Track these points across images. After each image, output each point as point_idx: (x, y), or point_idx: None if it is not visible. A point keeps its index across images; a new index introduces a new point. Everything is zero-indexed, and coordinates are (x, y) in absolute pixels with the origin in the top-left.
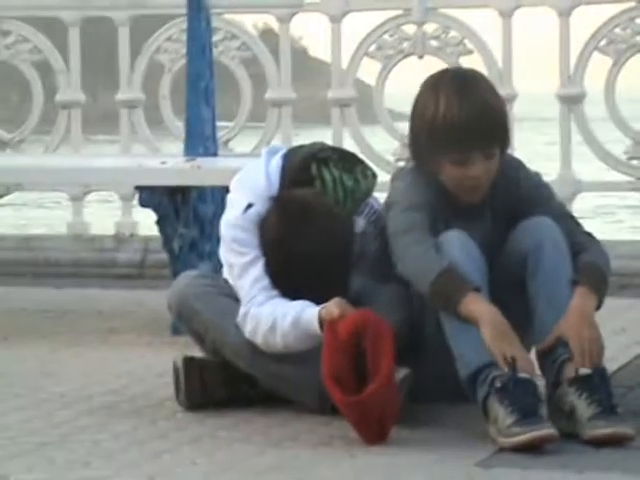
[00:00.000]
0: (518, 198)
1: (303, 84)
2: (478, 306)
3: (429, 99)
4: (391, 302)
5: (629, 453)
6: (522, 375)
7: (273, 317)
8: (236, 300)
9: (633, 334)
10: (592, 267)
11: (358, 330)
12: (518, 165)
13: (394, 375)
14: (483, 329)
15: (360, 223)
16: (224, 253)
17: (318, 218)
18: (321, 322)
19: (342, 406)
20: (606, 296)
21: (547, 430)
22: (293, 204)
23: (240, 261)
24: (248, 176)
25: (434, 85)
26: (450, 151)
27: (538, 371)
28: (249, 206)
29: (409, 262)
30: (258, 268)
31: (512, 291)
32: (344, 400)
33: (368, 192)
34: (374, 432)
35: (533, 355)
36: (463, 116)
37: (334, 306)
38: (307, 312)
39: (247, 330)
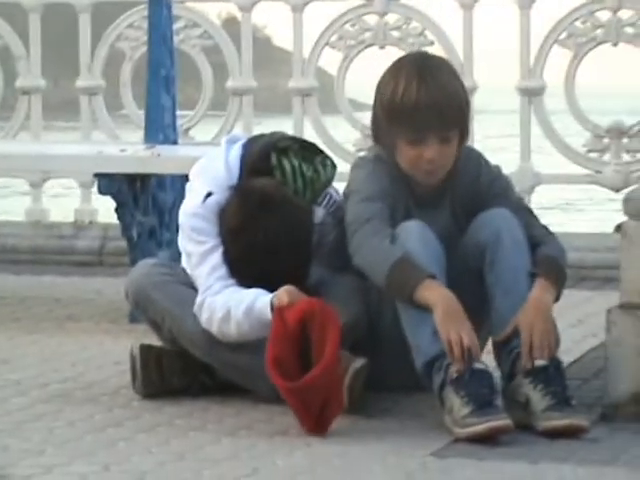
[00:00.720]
0: (477, 190)
1: (267, 73)
2: (432, 292)
3: (390, 79)
4: (348, 293)
5: (583, 444)
6: (478, 365)
7: (227, 306)
8: (194, 289)
9: (589, 327)
10: (550, 260)
11: (305, 318)
12: (478, 157)
13: (337, 363)
14: (435, 313)
15: (319, 213)
16: (182, 242)
17: (277, 208)
18: (273, 310)
19: (283, 391)
20: (564, 289)
21: (503, 421)
22: (253, 194)
23: (198, 250)
24: (208, 165)
25: (397, 66)
26: (405, 130)
27: (483, 358)
28: (208, 195)
29: (365, 253)
30: (216, 257)
31: (470, 282)
32: (284, 385)
33: (327, 182)
34: (314, 420)
35: (490, 346)
36: (420, 96)
37: (284, 294)
38: (260, 300)
39: (203, 319)
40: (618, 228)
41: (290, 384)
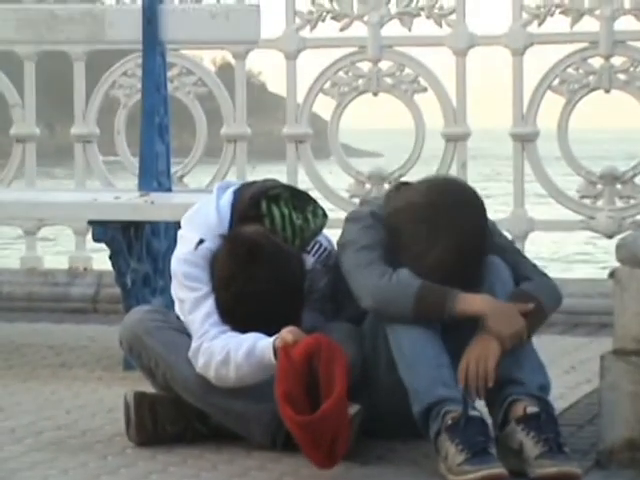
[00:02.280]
0: None
1: (262, 119)
2: (472, 302)
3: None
4: (342, 339)
5: None
6: (473, 413)
7: (227, 350)
8: (187, 335)
9: (583, 373)
10: (523, 295)
11: (312, 353)
12: None
13: (346, 397)
14: (486, 320)
15: (309, 261)
16: (175, 289)
17: (267, 257)
18: (275, 351)
19: (294, 426)
20: (542, 324)
21: (497, 469)
22: (242, 244)
23: (191, 296)
24: (199, 212)
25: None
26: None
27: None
28: (200, 242)
29: (379, 292)
30: (210, 303)
31: (466, 334)
32: (296, 420)
33: (317, 231)
34: (324, 455)
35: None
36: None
37: (288, 333)
38: (261, 343)
39: (199, 364)
40: (612, 274)
41: (303, 418)
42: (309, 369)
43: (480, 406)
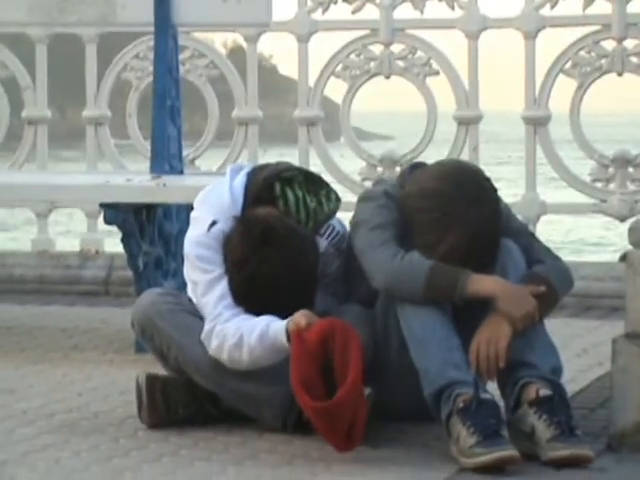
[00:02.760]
0: None
1: (273, 102)
2: (483, 283)
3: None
4: (353, 322)
5: (589, 474)
6: (485, 396)
7: (240, 332)
8: (199, 318)
9: (595, 356)
10: (535, 277)
11: (326, 337)
12: None
13: (362, 381)
14: (497, 301)
15: (322, 244)
16: (188, 271)
17: (281, 239)
18: (288, 334)
19: (311, 412)
20: (554, 307)
21: (509, 451)
22: (255, 225)
23: (204, 278)
24: (212, 193)
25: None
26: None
27: (488, 388)
28: (213, 223)
29: (391, 271)
30: (223, 285)
31: (477, 316)
32: (313, 406)
33: (331, 214)
34: (342, 439)
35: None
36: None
37: (301, 317)
38: (274, 325)
39: (212, 347)
40: (623, 258)
41: (320, 404)
42: (324, 353)
43: (492, 389)
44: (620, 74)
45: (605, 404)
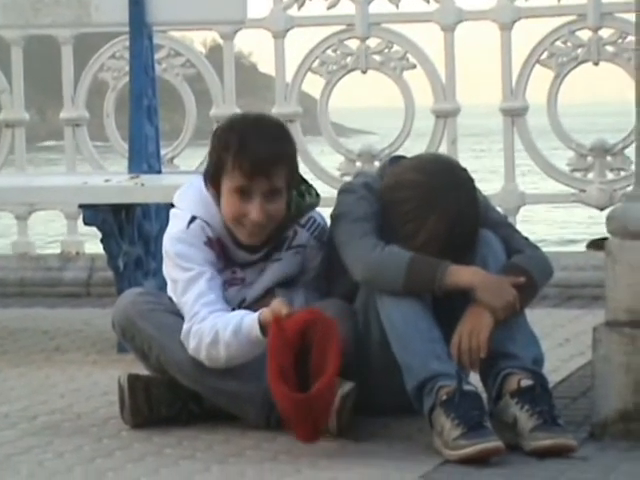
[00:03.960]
0: None
1: (252, 100)
2: (462, 274)
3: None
4: (336, 316)
5: (572, 463)
6: (468, 387)
7: (215, 330)
8: (180, 317)
9: (577, 345)
10: (514, 267)
11: (306, 328)
12: None
13: (337, 375)
14: (476, 292)
15: (303, 235)
16: (167, 269)
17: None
18: (261, 326)
19: (287, 402)
20: (534, 297)
21: (493, 443)
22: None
23: (183, 276)
24: (191, 188)
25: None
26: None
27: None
28: (192, 219)
29: (370, 263)
30: (202, 283)
31: (458, 308)
32: (291, 397)
33: (311, 206)
34: (311, 430)
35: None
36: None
37: (281, 305)
38: (247, 319)
39: (191, 347)
40: (590, 245)
41: (300, 396)
42: (302, 343)
43: (474, 380)
44: (596, 63)
45: (587, 393)
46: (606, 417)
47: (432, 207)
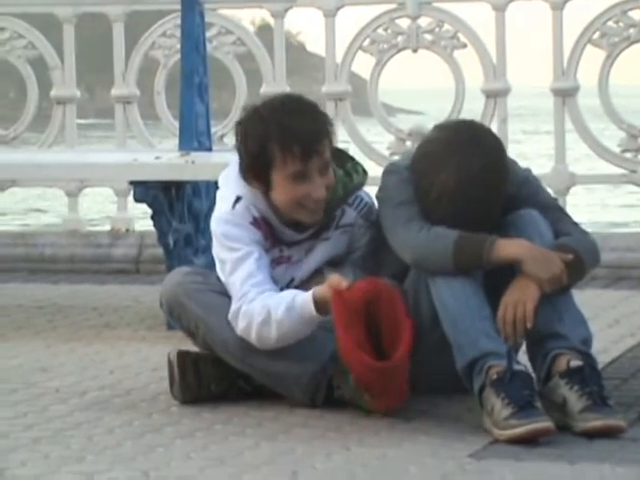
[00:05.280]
0: (508, 195)
1: (300, 79)
2: (510, 247)
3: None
4: None
5: (622, 444)
6: (518, 367)
7: (266, 309)
8: (227, 297)
9: (627, 326)
10: (563, 247)
11: (371, 297)
12: (509, 163)
13: (414, 339)
14: (524, 265)
15: (351, 214)
16: (216, 249)
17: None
18: (316, 303)
19: (370, 372)
20: (581, 278)
21: (544, 423)
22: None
23: (231, 257)
24: (235, 169)
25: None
26: None
27: (519, 359)
28: (237, 200)
29: (419, 245)
30: (250, 263)
31: (501, 287)
32: (375, 366)
33: (359, 185)
34: (394, 398)
35: (524, 347)
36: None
37: (339, 278)
38: (300, 297)
39: (240, 327)
40: None
41: (383, 364)
42: (367, 313)
43: (523, 360)
44: None
45: (637, 374)
46: None
47: (445, 161)
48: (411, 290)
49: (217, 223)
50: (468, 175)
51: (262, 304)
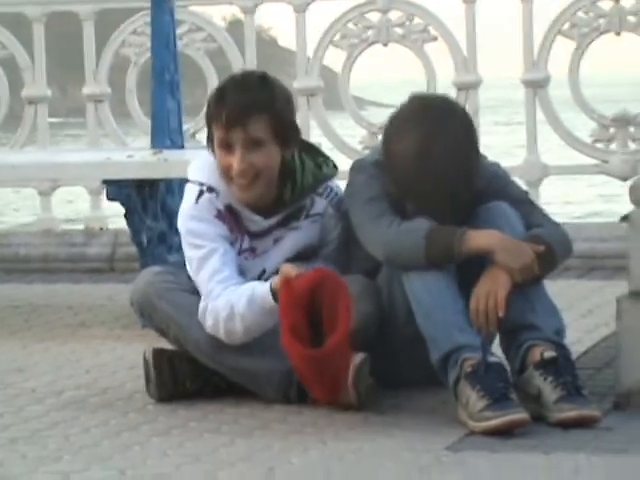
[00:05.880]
0: (477, 190)
1: (274, 73)
2: (480, 238)
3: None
4: (359, 293)
5: (597, 434)
6: (493, 359)
7: (230, 304)
8: (198, 296)
9: (600, 316)
10: (534, 238)
11: (315, 286)
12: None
13: (351, 329)
14: (495, 255)
15: (321, 203)
16: (184, 247)
17: None
18: (274, 294)
19: (301, 360)
20: (552, 269)
21: (519, 414)
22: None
23: (196, 254)
24: (199, 159)
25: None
26: None
27: (494, 351)
28: (201, 193)
29: (391, 240)
30: (215, 260)
31: (474, 279)
32: (304, 354)
33: (329, 176)
34: (328, 388)
35: (498, 339)
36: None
37: (290, 267)
38: (259, 288)
39: (208, 325)
40: (625, 218)
41: (311, 352)
42: (312, 302)
43: (498, 352)
44: (618, 34)
45: (611, 364)
46: (630, 387)
47: (403, 129)
48: (385, 285)
49: (182, 219)
50: (431, 147)
51: (226, 299)
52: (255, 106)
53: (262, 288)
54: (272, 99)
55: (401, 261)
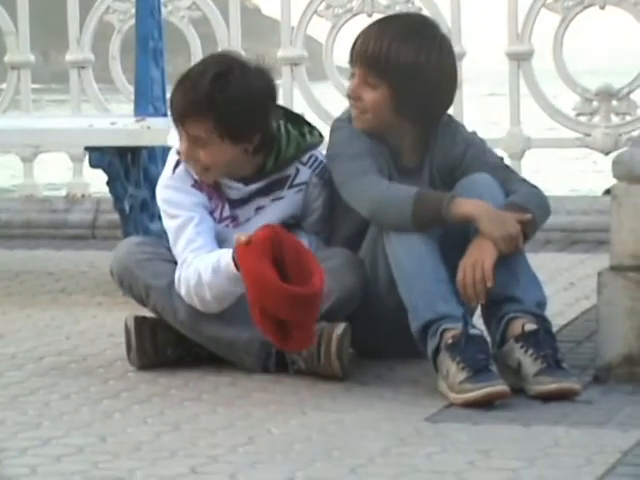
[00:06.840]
0: (453, 158)
1: (256, 43)
2: (467, 205)
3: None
4: (342, 267)
5: (576, 407)
6: (473, 331)
7: (197, 272)
8: (176, 265)
9: (581, 289)
10: (513, 205)
11: (272, 238)
12: (455, 126)
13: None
14: (479, 222)
15: (305, 172)
16: (162, 217)
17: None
18: (236, 263)
19: (285, 299)
20: (532, 234)
21: (499, 387)
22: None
23: (173, 224)
24: None
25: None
26: None
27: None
28: (178, 163)
29: (377, 199)
30: (190, 230)
31: (456, 250)
32: (296, 292)
33: (313, 145)
34: (311, 333)
35: (479, 311)
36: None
37: (238, 235)
38: (224, 257)
39: (183, 294)
40: (607, 191)
41: (302, 289)
42: (274, 258)
43: (479, 324)
44: (602, 7)
45: (592, 337)
46: (610, 361)
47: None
48: (368, 255)
49: (159, 189)
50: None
51: (194, 268)
52: (193, 107)
53: (226, 257)
54: (216, 100)
55: (386, 219)
